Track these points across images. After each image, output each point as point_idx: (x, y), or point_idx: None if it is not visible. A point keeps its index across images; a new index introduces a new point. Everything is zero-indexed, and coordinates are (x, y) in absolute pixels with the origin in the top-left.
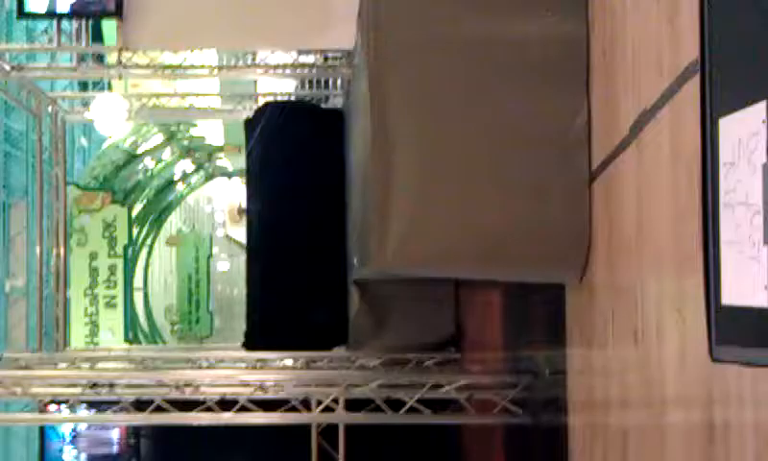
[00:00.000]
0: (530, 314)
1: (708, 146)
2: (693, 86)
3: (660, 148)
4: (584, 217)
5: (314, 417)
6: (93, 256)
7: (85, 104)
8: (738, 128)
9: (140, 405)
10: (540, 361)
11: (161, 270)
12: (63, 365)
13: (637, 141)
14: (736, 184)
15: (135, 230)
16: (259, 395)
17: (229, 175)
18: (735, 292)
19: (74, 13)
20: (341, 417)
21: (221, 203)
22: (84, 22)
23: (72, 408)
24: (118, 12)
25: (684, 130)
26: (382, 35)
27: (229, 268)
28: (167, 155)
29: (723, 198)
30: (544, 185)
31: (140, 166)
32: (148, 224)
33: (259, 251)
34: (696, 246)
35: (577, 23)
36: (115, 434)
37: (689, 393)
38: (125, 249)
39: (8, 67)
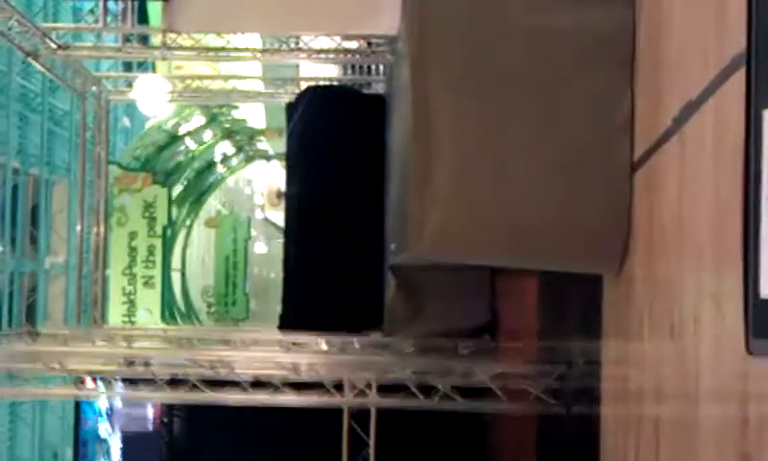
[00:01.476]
0: (566, 304)
1: (751, 138)
2: (739, 79)
3: (703, 140)
4: (624, 208)
5: (347, 400)
6: (132, 236)
7: (129, 84)
8: None
9: (175, 384)
10: (574, 351)
11: (199, 251)
12: (101, 342)
13: (681, 133)
14: None
15: (175, 211)
16: (293, 377)
17: (269, 158)
18: None
19: None
20: (373, 401)
21: (260, 186)
22: (129, 3)
23: (108, 384)
24: None
25: (727, 123)
26: (426, 21)
27: (267, 251)
28: (208, 136)
29: (765, 190)
30: (586, 175)
31: (181, 147)
32: (187, 205)
33: (297, 234)
34: (736, 240)
35: (624, 9)
36: (150, 413)
37: (724, 387)
38: (164, 229)
39: (54, 46)
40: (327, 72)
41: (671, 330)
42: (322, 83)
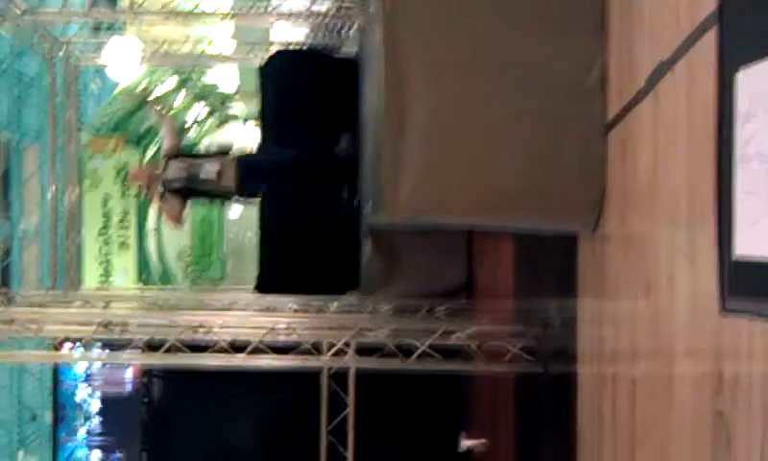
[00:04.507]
0: (542, 264)
1: (724, 98)
2: (711, 38)
3: (676, 100)
4: (599, 168)
5: (325, 361)
6: (106, 199)
7: (98, 48)
8: (756, 80)
9: (153, 346)
10: (551, 311)
11: None
12: (77, 304)
13: (654, 92)
14: (752, 137)
15: None
16: (270, 338)
17: (245, 120)
18: (748, 245)
19: None
20: (352, 361)
21: (234, 148)
22: None
23: (86, 347)
24: None
25: (701, 82)
26: None
27: (243, 213)
28: (180, 100)
29: (738, 150)
30: (560, 135)
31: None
32: None
33: (272, 195)
34: (710, 199)
35: None
36: (128, 374)
37: (699, 345)
38: (138, 192)
39: (19, 11)
40: (298, 34)
41: (646, 289)
42: (293, 45)
